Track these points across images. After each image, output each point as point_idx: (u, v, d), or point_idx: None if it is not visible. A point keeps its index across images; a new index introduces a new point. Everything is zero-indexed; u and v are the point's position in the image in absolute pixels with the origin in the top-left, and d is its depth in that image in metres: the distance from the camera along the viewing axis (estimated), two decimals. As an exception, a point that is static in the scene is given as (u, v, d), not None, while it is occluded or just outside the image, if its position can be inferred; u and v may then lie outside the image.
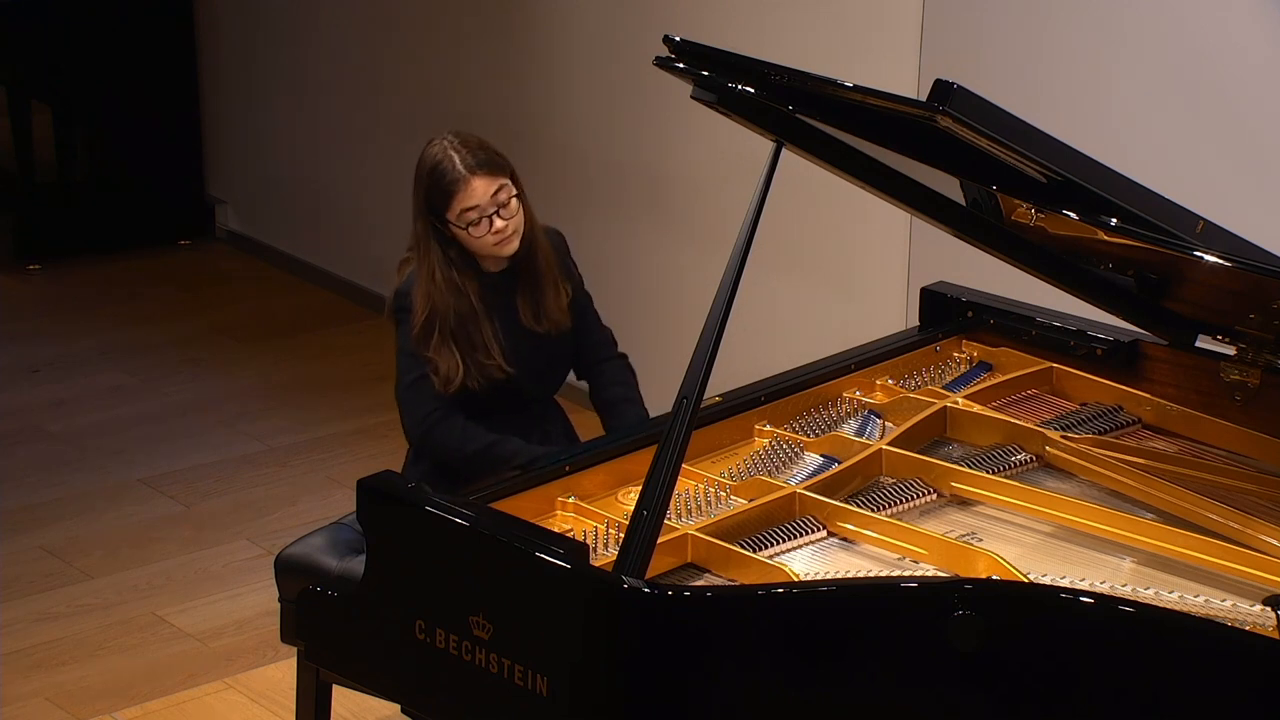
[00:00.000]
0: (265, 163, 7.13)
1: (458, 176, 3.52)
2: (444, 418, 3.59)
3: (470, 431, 3.58)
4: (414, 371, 3.61)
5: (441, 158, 3.54)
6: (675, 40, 3.09)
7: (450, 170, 3.52)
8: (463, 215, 3.53)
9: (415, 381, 3.61)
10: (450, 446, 3.58)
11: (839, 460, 3.26)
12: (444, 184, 3.52)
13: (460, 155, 3.53)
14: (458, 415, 3.59)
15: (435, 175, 3.53)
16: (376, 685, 3.16)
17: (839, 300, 5.04)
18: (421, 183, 3.56)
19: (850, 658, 2.68)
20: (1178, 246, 2.89)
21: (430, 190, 3.54)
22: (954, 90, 2.68)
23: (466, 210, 3.53)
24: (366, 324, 6.47)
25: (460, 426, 3.58)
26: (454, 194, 3.52)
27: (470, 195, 3.53)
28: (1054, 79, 4.39)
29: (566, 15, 5.66)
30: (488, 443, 3.57)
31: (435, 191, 3.53)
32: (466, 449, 3.57)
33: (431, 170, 3.54)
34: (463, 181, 3.52)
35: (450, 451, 3.58)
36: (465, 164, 3.53)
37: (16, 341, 6.28)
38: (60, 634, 4.53)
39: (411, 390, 3.62)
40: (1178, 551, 2.95)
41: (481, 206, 3.53)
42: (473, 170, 3.52)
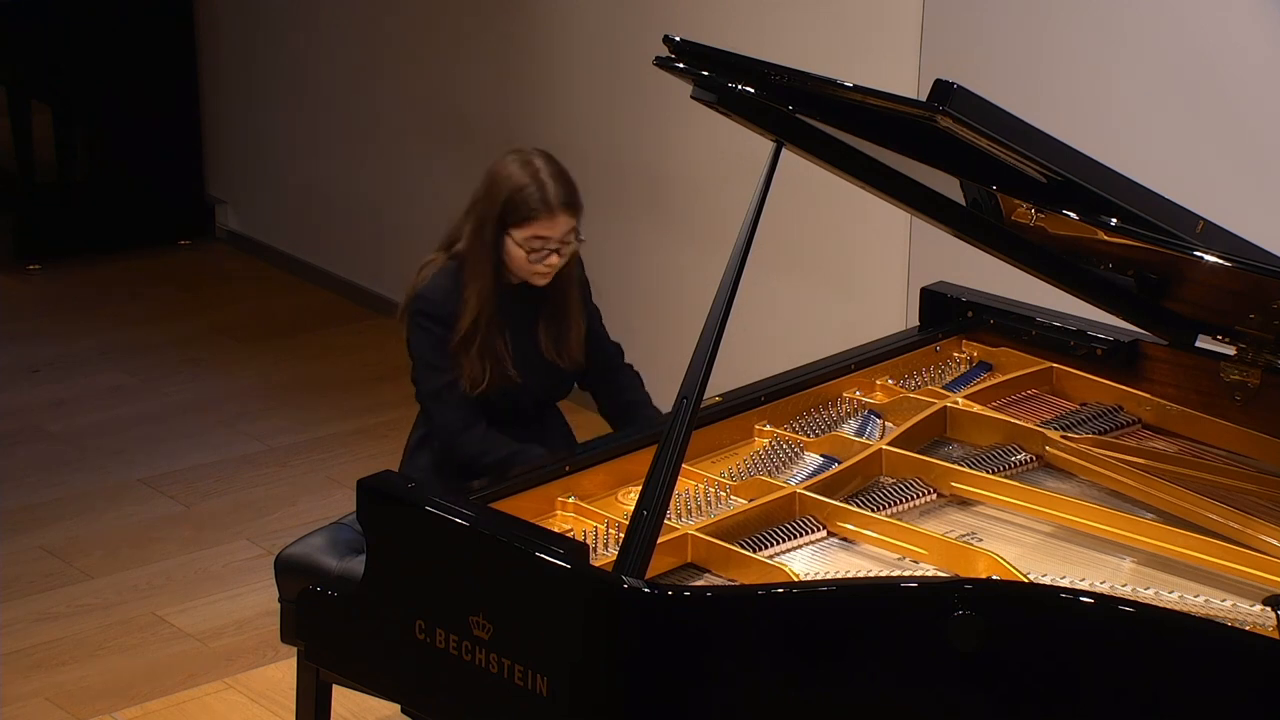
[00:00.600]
0: (265, 163, 7.13)
1: (547, 206, 3.53)
2: (466, 427, 3.60)
3: (490, 441, 3.59)
4: (437, 380, 3.62)
5: (531, 181, 3.54)
6: (675, 40, 3.09)
7: (540, 196, 3.53)
8: (531, 240, 3.55)
9: (439, 390, 3.62)
10: (472, 455, 3.59)
11: (839, 460, 3.26)
12: (529, 206, 3.53)
13: (553, 186, 3.54)
14: (480, 424, 3.61)
15: (523, 194, 3.53)
16: (376, 685, 3.16)
17: (839, 300, 5.04)
18: (500, 193, 3.55)
19: (850, 658, 2.68)
20: (1178, 246, 2.89)
21: (512, 205, 3.54)
22: (954, 90, 2.69)
23: (538, 238, 3.54)
24: (366, 324, 6.47)
25: (481, 436, 3.59)
26: (535, 220, 3.54)
27: (549, 227, 3.55)
28: (1054, 79, 4.39)
29: (566, 16, 5.66)
30: (509, 453, 3.58)
31: (517, 208, 3.53)
32: (486, 459, 3.57)
33: (520, 187, 3.54)
34: (549, 213, 3.54)
35: (472, 460, 3.59)
36: (557, 196, 3.54)
37: (16, 341, 6.28)
38: (60, 634, 4.53)
39: (436, 399, 3.62)
40: (1178, 551, 2.95)
41: (550, 240, 3.55)
42: (562, 205, 3.55)
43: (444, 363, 3.61)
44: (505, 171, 3.57)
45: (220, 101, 7.27)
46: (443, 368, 3.61)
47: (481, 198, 3.60)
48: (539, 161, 3.57)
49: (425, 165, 6.31)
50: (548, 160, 3.59)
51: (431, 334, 3.62)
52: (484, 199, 3.59)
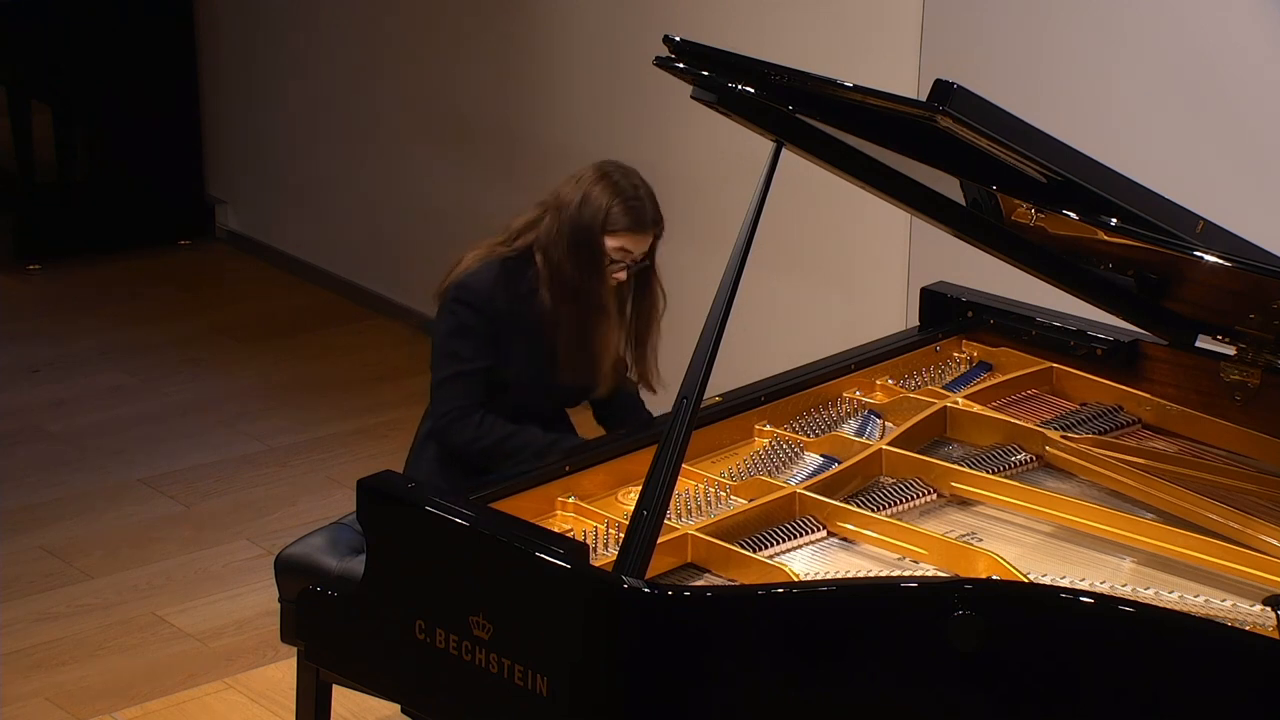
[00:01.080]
0: (265, 163, 7.13)
1: (644, 222, 3.55)
2: (461, 415, 3.59)
3: (485, 427, 3.58)
4: (450, 368, 3.61)
5: (635, 195, 3.55)
6: (675, 40, 3.09)
7: (640, 212, 3.55)
8: (615, 249, 3.56)
9: (449, 379, 3.61)
10: (463, 442, 3.59)
11: (839, 460, 3.26)
12: (629, 217, 3.54)
13: (650, 204, 3.57)
14: (475, 412, 3.59)
15: (629, 204, 3.54)
16: (376, 685, 3.16)
17: (839, 300, 5.04)
18: (599, 194, 3.54)
19: (850, 658, 2.68)
20: (1178, 246, 2.89)
21: (616, 210, 3.54)
22: (954, 90, 2.69)
23: (622, 249, 3.56)
24: (366, 324, 6.47)
25: (475, 423, 3.58)
26: (629, 232, 3.55)
27: (637, 242, 3.57)
28: (1054, 79, 4.39)
29: (566, 15, 5.66)
30: (501, 437, 3.57)
31: (620, 216, 3.54)
32: (478, 445, 3.57)
33: (625, 197, 3.54)
34: (643, 229, 3.56)
35: (463, 447, 3.59)
36: (652, 215, 3.57)
37: (16, 341, 6.28)
38: (60, 634, 4.53)
39: (443, 387, 3.62)
40: (1178, 551, 2.95)
41: (632, 254, 3.57)
42: (654, 224, 3.57)
43: (464, 351, 3.59)
44: (612, 177, 3.57)
45: (220, 101, 7.27)
46: (462, 356, 3.59)
47: (575, 204, 3.56)
48: (640, 180, 3.59)
49: (425, 165, 6.31)
50: (639, 177, 3.61)
51: (460, 320, 3.59)
52: (579, 206, 3.56)
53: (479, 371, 3.60)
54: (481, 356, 3.59)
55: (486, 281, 3.60)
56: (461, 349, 3.60)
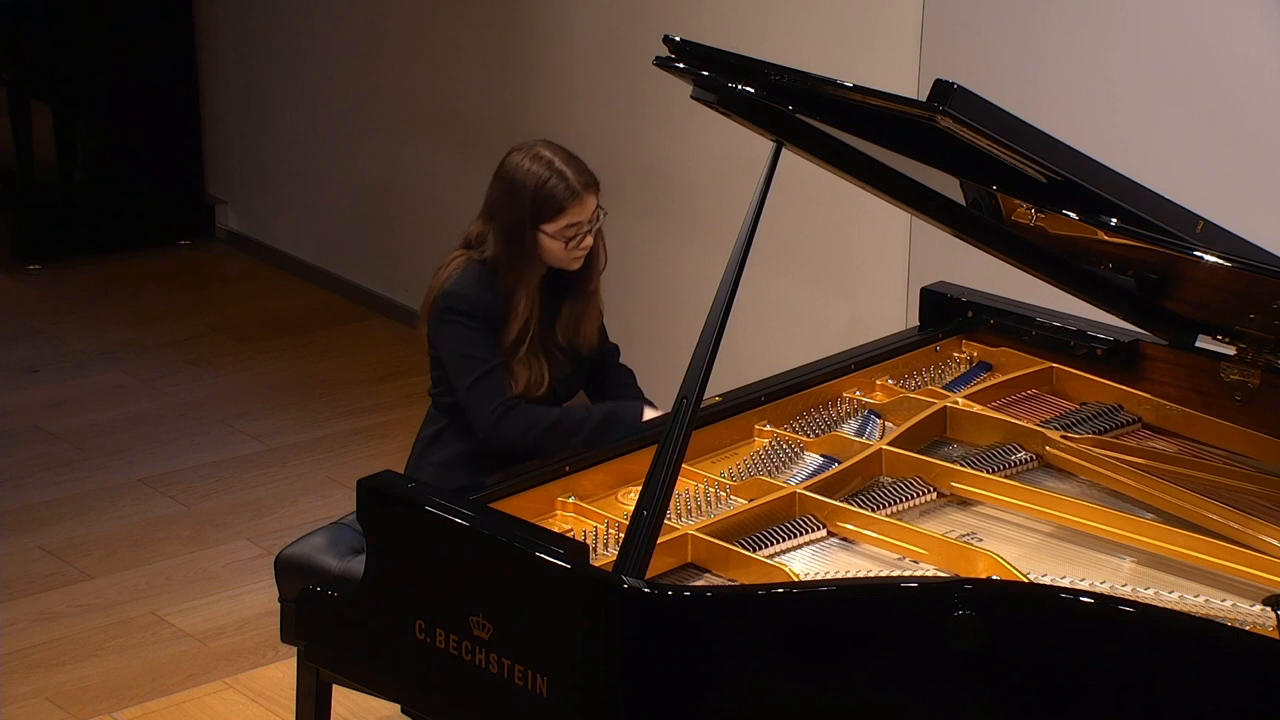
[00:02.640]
0: (265, 163, 7.13)
1: (572, 193, 3.56)
2: (507, 410, 3.59)
3: (532, 417, 3.59)
4: (474, 371, 3.61)
5: (549, 173, 3.56)
6: (675, 40, 3.09)
7: (564, 187, 3.56)
8: (567, 229, 3.57)
9: (477, 381, 3.61)
10: (517, 435, 3.59)
11: (839, 460, 3.26)
12: (557, 198, 3.55)
13: (571, 171, 3.57)
14: (519, 404, 3.60)
15: (547, 189, 3.56)
16: (376, 685, 3.16)
17: (839, 300, 5.04)
18: (522, 193, 3.56)
19: (850, 658, 2.68)
20: (1178, 246, 2.89)
21: (538, 202, 3.55)
22: (954, 90, 2.69)
23: (572, 225, 3.57)
24: (366, 324, 6.47)
25: (524, 415, 3.59)
26: (567, 209, 3.56)
27: (581, 210, 3.57)
28: (1054, 79, 4.39)
29: (566, 15, 5.66)
30: (551, 422, 3.58)
31: (545, 204, 3.55)
32: (530, 435, 3.57)
33: (542, 183, 3.56)
34: (577, 198, 3.57)
35: (518, 440, 3.59)
36: (579, 181, 3.57)
37: (16, 341, 6.28)
38: (60, 634, 4.53)
39: (474, 391, 3.61)
40: (1178, 551, 2.95)
41: (583, 223, 3.57)
42: (585, 187, 3.58)
43: (480, 353, 3.60)
44: (520, 171, 3.59)
45: (220, 101, 7.27)
46: (480, 358, 3.60)
47: (503, 203, 3.60)
48: (548, 152, 3.60)
49: (425, 165, 6.32)
50: (554, 147, 3.62)
51: (463, 328, 3.61)
52: (507, 204, 3.59)
53: (498, 367, 3.61)
54: (493, 353, 3.61)
55: (471, 284, 3.62)
56: (474, 351, 3.61)
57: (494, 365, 3.61)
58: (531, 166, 3.58)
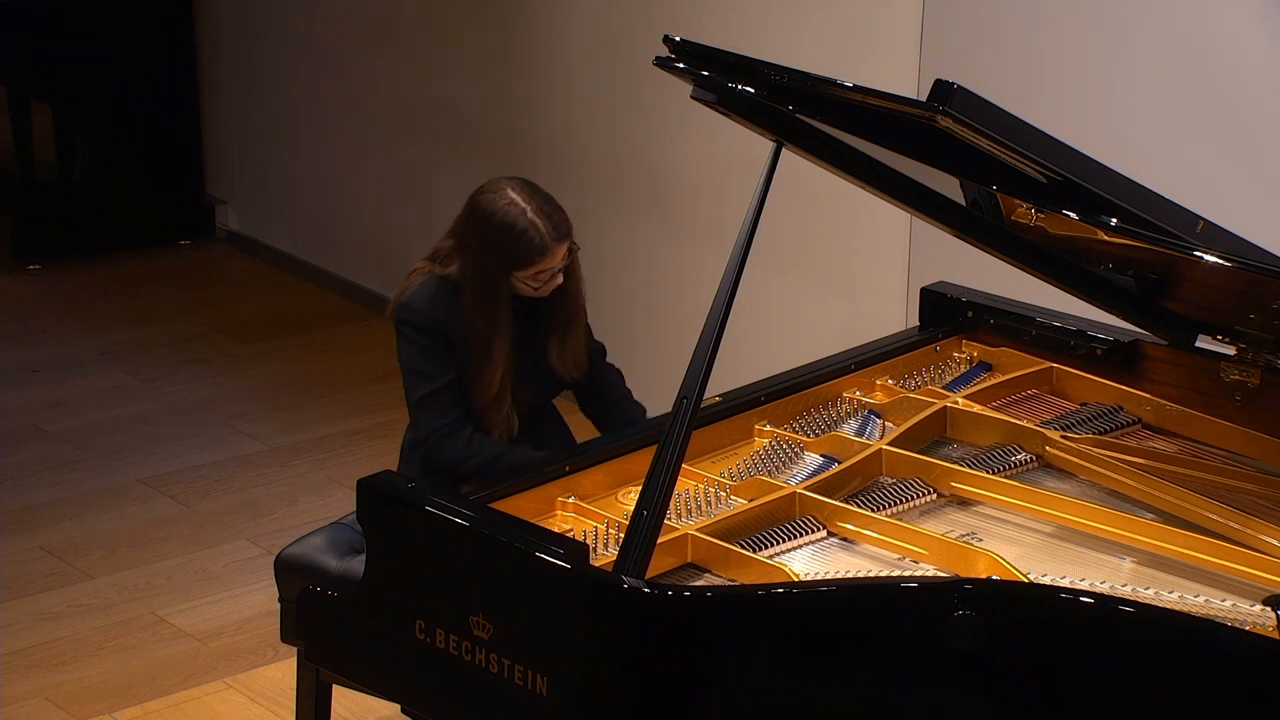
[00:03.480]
0: (265, 163, 7.13)
1: (545, 247, 3.52)
2: (449, 434, 3.58)
3: (474, 446, 3.58)
4: (420, 388, 3.61)
5: (526, 224, 3.52)
6: (675, 40, 3.09)
7: (538, 239, 3.51)
8: (536, 276, 3.55)
9: (423, 398, 3.61)
10: (453, 461, 3.58)
11: (839, 460, 3.26)
12: (530, 251, 3.51)
13: (543, 223, 3.52)
14: (464, 430, 3.59)
15: (520, 240, 3.51)
16: (376, 685, 3.16)
17: (839, 300, 5.04)
18: (495, 239, 3.53)
19: (850, 658, 2.68)
20: (1178, 246, 2.89)
21: (510, 251, 3.52)
22: (954, 90, 2.69)
23: (541, 272, 3.55)
24: (367, 324, 6.47)
25: (465, 441, 3.58)
26: (536, 261, 3.53)
27: (551, 260, 3.55)
28: (1054, 79, 4.39)
29: (566, 15, 5.66)
30: (491, 457, 3.56)
31: (516, 253, 3.52)
32: (468, 464, 3.56)
33: (516, 233, 3.51)
34: (549, 251, 3.53)
35: (454, 465, 3.58)
36: (550, 234, 3.53)
37: (16, 341, 6.28)
38: (60, 634, 4.53)
39: (419, 406, 3.61)
40: (1178, 551, 2.95)
41: (554, 269, 3.56)
42: (556, 240, 3.54)
43: (429, 369, 3.60)
44: (496, 216, 3.53)
45: (220, 101, 7.27)
46: (428, 375, 3.60)
47: (474, 242, 3.57)
48: (520, 199, 3.54)
49: (425, 165, 6.31)
50: (528, 194, 3.55)
51: (415, 343, 3.61)
52: (478, 244, 3.56)
53: (449, 384, 3.60)
54: (446, 369, 3.59)
55: (426, 299, 3.61)
56: (425, 368, 3.60)
57: (441, 384, 3.59)
58: (505, 213, 3.53)
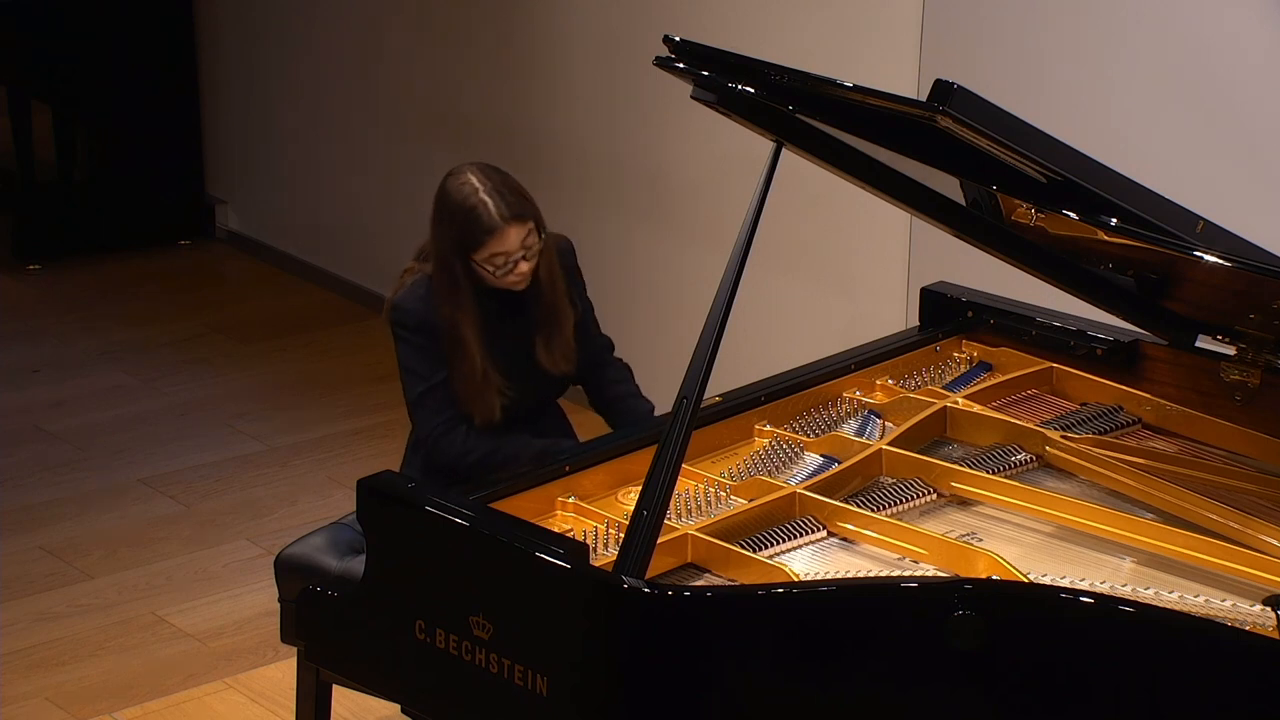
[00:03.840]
0: (265, 163, 7.13)
1: (493, 226, 3.50)
2: (446, 431, 3.59)
3: (472, 442, 3.58)
4: (417, 386, 3.61)
5: (475, 203, 3.50)
6: (675, 40, 3.09)
7: (485, 218, 3.50)
8: (492, 259, 3.53)
9: (420, 397, 3.61)
10: (452, 457, 3.58)
11: (839, 460, 3.26)
12: (478, 230, 3.50)
13: (494, 202, 3.50)
14: (460, 426, 3.59)
15: (469, 220, 3.50)
16: (376, 685, 3.16)
17: (839, 300, 5.04)
18: (449, 222, 3.53)
19: (850, 658, 2.68)
20: (1178, 246, 2.89)
21: (462, 233, 3.52)
22: (954, 90, 2.69)
23: (497, 255, 3.53)
24: (366, 324, 6.46)
25: (462, 438, 3.58)
26: (486, 242, 3.51)
27: (503, 242, 3.52)
28: (1054, 79, 4.39)
29: (566, 15, 5.66)
30: (488, 450, 3.56)
31: (467, 235, 3.52)
32: (468, 459, 3.57)
33: (465, 214, 3.51)
34: (497, 231, 3.51)
35: (454, 462, 3.58)
36: (500, 212, 3.50)
37: (16, 341, 6.28)
38: (60, 634, 4.53)
39: (416, 406, 3.62)
40: (1178, 551, 2.95)
41: (510, 253, 3.53)
42: (507, 220, 3.51)
43: (423, 368, 3.60)
44: (450, 198, 3.54)
45: (220, 101, 7.27)
46: (422, 374, 3.60)
47: (437, 226, 3.58)
48: (475, 179, 3.53)
49: (425, 165, 6.31)
50: (485, 175, 3.54)
51: (409, 343, 3.62)
52: (436, 230, 3.58)
53: (445, 382, 3.60)
54: (440, 368, 3.60)
55: (418, 299, 3.62)
56: (419, 366, 3.61)
57: (436, 382, 3.60)
58: (457, 194, 3.53)
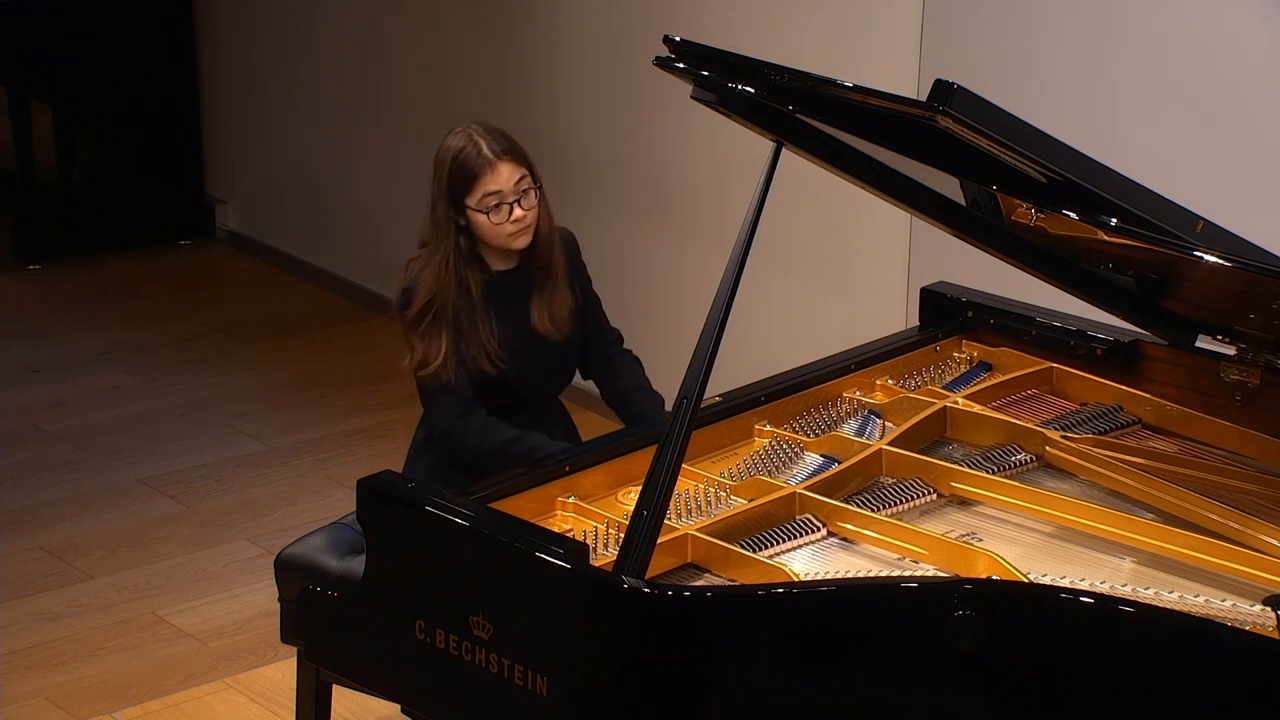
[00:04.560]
0: (265, 163, 7.14)
1: (484, 161, 3.55)
2: (462, 415, 3.58)
3: (488, 429, 3.58)
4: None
5: (466, 143, 3.57)
6: (675, 40, 3.09)
7: (476, 155, 3.55)
8: (484, 200, 3.55)
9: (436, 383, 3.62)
10: (467, 444, 3.58)
11: (839, 460, 3.26)
12: (469, 167, 3.55)
13: (486, 141, 3.57)
14: (478, 412, 3.59)
15: (460, 159, 3.56)
16: (376, 685, 3.16)
17: (839, 300, 5.04)
18: (444, 167, 3.58)
19: (850, 658, 2.68)
20: (1178, 246, 2.89)
21: (454, 174, 3.56)
22: (954, 90, 2.69)
23: (489, 194, 3.55)
24: (367, 324, 6.47)
25: (479, 424, 3.58)
26: (478, 177, 3.55)
27: (495, 179, 3.55)
28: (1054, 79, 4.39)
29: (566, 15, 5.66)
30: (503, 440, 3.56)
31: (459, 175, 3.56)
32: (481, 447, 3.56)
33: (456, 155, 3.57)
34: (488, 165, 3.55)
35: (466, 449, 3.58)
36: (491, 149, 3.56)
37: (16, 341, 6.28)
38: (60, 634, 4.53)
39: (433, 390, 3.62)
40: (1178, 551, 2.95)
41: (504, 192, 3.55)
42: (498, 155, 3.56)
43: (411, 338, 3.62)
44: (444, 150, 3.60)
45: (220, 101, 7.27)
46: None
47: (432, 182, 3.62)
48: (472, 127, 3.60)
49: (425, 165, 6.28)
50: (480, 123, 3.62)
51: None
52: (433, 181, 3.61)
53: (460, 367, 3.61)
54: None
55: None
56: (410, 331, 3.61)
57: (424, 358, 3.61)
58: (452, 142, 3.59)
